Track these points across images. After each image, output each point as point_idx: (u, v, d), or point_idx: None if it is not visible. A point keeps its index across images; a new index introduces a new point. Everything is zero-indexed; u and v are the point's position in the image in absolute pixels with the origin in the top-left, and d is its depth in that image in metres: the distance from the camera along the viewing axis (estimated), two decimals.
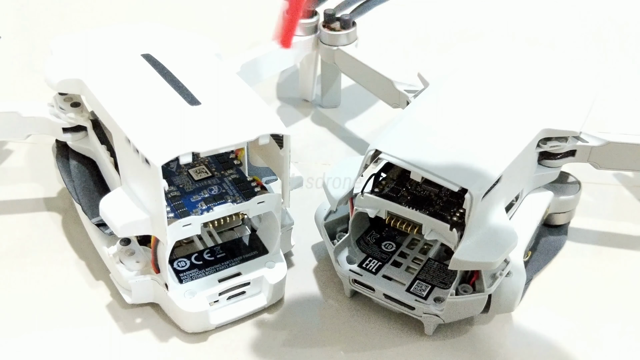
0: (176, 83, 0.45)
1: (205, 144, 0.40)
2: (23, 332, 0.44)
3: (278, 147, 0.44)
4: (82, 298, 0.47)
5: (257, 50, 0.59)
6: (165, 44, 0.50)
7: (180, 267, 0.45)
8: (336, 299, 0.47)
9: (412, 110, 0.46)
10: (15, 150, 0.59)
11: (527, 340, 0.45)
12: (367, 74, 0.58)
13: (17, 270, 0.48)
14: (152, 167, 0.39)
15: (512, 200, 0.47)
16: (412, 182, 0.45)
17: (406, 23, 0.80)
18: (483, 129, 0.45)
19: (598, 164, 0.48)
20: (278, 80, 0.69)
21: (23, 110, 0.50)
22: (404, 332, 0.45)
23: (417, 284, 0.45)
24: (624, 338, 0.45)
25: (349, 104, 0.67)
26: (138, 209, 0.42)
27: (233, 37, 0.75)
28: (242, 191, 0.44)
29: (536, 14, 0.83)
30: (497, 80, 0.49)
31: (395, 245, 0.48)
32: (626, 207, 0.56)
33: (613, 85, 0.69)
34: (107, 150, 0.48)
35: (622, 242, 0.52)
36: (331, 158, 0.60)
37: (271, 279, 0.45)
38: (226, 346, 0.44)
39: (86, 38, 0.50)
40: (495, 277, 0.42)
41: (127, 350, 0.44)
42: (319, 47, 0.62)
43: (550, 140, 0.46)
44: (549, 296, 0.48)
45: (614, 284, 0.49)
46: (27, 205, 0.54)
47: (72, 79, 0.46)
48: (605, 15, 0.82)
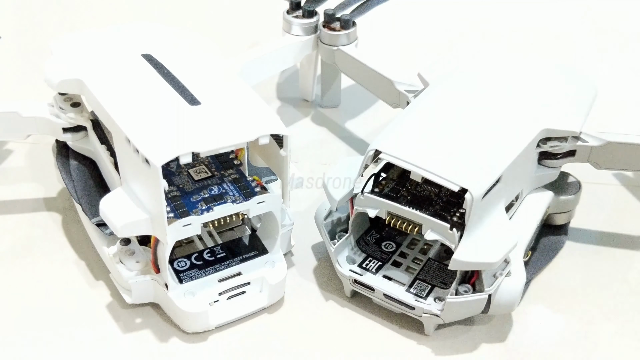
0: (176, 83, 0.45)
1: (205, 144, 0.40)
2: (23, 332, 0.44)
3: (278, 147, 0.44)
4: (82, 298, 0.47)
5: (257, 50, 0.59)
6: (165, 44, 0.50)
7: (180, 267, 0.45)
8: (336, 299, 0.47)
9: (412, 110, 0.47)
10: (15, 150, 0.59)
11: (527, 340, 0.45)
12: (367, 74, 0.58)
13: (17, 270, 0.48)
14: (152, 167, 0.39)
15: (512, 200, 0.47)
16: (412, 182, 0.45)
17: (406, 23, 0.80)
18: (483, 129, 0.45)
19: (598, 164, 0.48)
20: (278, 80, 0.69)
21: (23, 110, 0.50)
22: (404, 332, 0.45)
23: (417, 284, 0.45)
24: (624, 338, 0.45)
25: (349, 104, 0.67)
26: (138, 209, 0.42)
27: (233, 37, 0.75)
28: (242, 191, 0.44)
29: (536, 14, 0.83)
30: (498, 80, 0.49)
31: (395, 245, 0.48)
32: (626, 207, 0.56)
33: (613, 85, 0.69)
34: (107, 150, 0.48)
35: (622, 242, 0.52)
36: (331, 158, 0.60)
37: (271, 279, 0.45)
38: (226, 346, 0.44)
39: (86, 38, 0.50)
40: (495, 277, 0.42)
41: (127, 350, 0.44)
42: (319, 47, 0.62)
43: (550, 140, 0.46)
44: (549, 296, 0.48)
45: (614, 284, 0.49)
46: (27, 205, 0.54)
47: (72, 79, 0.46)
48: (605, 15, 0.82)
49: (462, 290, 0.43)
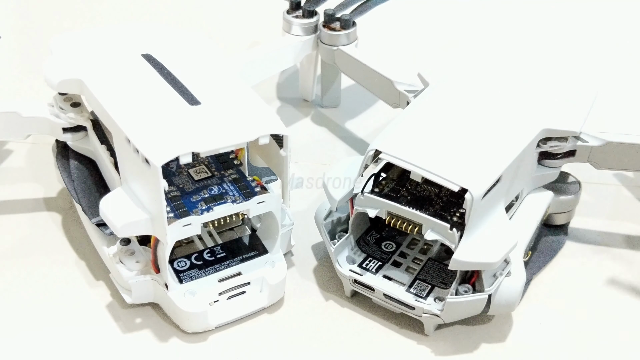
0: (176, 83, 0.45)
1: (205, 144, 0.40)
2: (23, 332, 0.44)
3: (278, 147, 0.44)
4: (82, 298, 0.47)
5: (257, 50, 0.59)
6: (165, 43, 0.50)
7: (180, 267, 0.45)
8: (336, 299, 0.47)
9: (412, 111, 0.47)
10: (15, 150, 0.59)
11: (527, 340, 0.45)
12: (367, 74, 0.58)
13: (17, 270, 0.48)
14: (152, 167, 0.39)
15: (512, 200, 0.47)
16: (412, 182, 0.45)
17: (406, 23, 0.80)
18: (483, 129, 0.45)
19: (598, 164, 0.48)
20: (278, 80, 0.69)
21: (23, 110, 0.50)
22: (404, 332, 0.45)
23: (417, 284, 0.45)
24: (624, 338, 0.45)
25: (349, 104, 0.67)
26: (138, 209, 0.42)
27: (233, 37, 0.75)
28: (242, 191, 0.44)
29: (537, 14, 0.83)
30: (498, 81, 0.49)
31: (395, 245, 0.48)
32: (626, 207, 0.56)
33: (613, 85, 0.69)
34: (107, 150, 0.48)
35: (622, 242, 0.52)
36: (331, 158, 0.60)
37: (271, 279, 0.45)
38: (226, 346, 0.44)
39: (86, 38, 0.50)
40: (495, 277, 0.42)
41: (127, 350, 0.44)
42: (319, 47, 0.62)
43: (550, 140, 0.46)
44: (549, 296, 0.48)
45: (614, 284, 0.49)
46: (27, 205, 0.54)
47: (72, 79, 0.46)
48: (606, 15, 0.82)
49: (462, 290, 0.43)
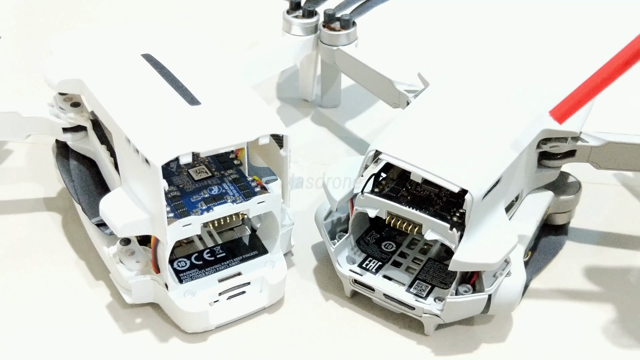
0: (176, 83, 0.45)
1: (205, 144, 0.40)
2: (23, 332, 0.44)
3: (278, 147, 0.44)
4: (82, 298, 0.47)
5: (257, 50, 0.59)
6: (165, 43, 0.50)
7: (180, 267, 0.45)
8: (336, 299, 0.47)
9: (413, 111, 0.46)
10: (15, 150, 0.59)
11: (527, 340, 0.45)
12: (367, 74, 0.58)
13: (17, 270, 0.48)
14: (152, 167, 0.39)
15: (512, 200, 0.47)
16: (412, 182, 0.45)
17: (406, 23, 0.80)
18: (483, 130, 0.45)
19: (598, 164, 0.48)
20: (278, 80, 0.69)
21: (23, 110, 0.50)
22: (404, 332, 0.45)
23: (417, 284, 0.45)
24: (624, 338, 0.45)
25: (349, 104, 0.67)
26: (138, 209, 0.42)
27: (233, 37, 0.75)
28: (242, 191, 0.44)
29: (537, 14, 0.83)
30: (498, 81, 0.49)
31: (395, 245, 0.48)
32: (626, 207, 0.56)
33: (613, 85, 0.69)
34: (107, 150, 0.48)
35: (622, 242, 0.52)
36: (331, 158, 0.60)
37: (271, 279, 0.45)
38: (226, 346, 0.44)
39: (86, 37, 0.50)
40: (495, 277, 0.42)
41: (127, 350, 0.44)
42: (319, 47, 0.62)
43: (550, 141, 0.46)
44: (549, 296, 0.48)
45: (614, 284, 0.49)
46: (27, 205, 0.54)
47: (72, 79, 0.46)
48: (606, 15, 0.82)
49: (462, 290, 0.43)
